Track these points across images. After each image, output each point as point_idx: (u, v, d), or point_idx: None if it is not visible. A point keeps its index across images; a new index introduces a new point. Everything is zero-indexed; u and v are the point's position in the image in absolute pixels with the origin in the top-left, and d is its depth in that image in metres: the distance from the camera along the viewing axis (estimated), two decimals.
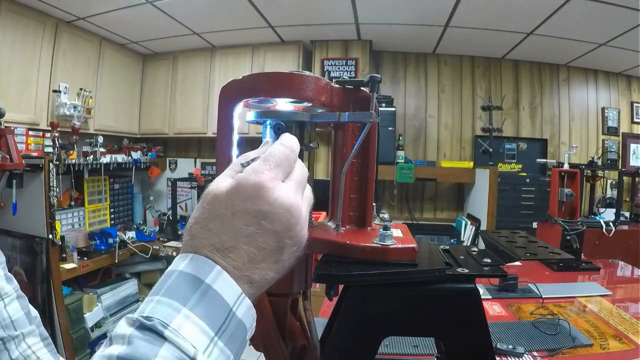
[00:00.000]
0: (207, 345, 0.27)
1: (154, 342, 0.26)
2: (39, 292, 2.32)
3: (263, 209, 0.32)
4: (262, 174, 0.33)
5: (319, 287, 1.09)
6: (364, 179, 0.54)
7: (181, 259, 0.31)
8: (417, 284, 0.48)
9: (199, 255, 0.31)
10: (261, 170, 0.33)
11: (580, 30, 2.78)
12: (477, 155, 3.38)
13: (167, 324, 0.27)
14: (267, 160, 0.34)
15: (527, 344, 1.12)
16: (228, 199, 0.32)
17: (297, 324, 0.54)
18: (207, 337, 0.28)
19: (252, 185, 0.32)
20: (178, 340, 0.26)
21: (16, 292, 0.55)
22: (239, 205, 0.32)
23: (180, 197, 3.66)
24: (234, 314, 0.30)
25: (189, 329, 0.27)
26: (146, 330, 0.26)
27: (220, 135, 0.48)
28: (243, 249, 0.31)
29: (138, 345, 0.26)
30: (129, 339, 0.26)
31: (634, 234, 2.83)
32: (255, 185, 0.32)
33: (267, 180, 0.32)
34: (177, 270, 0.30)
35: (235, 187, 0.32)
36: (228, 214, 0.31)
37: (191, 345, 0.26)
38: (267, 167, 0.33)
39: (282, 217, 0.32)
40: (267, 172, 0.33)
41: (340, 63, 3.29)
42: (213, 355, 0.28)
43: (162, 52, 3.63)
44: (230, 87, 0.48)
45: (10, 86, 2.44)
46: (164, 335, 0.26)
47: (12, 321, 0.53)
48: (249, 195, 0.32)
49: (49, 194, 2.33)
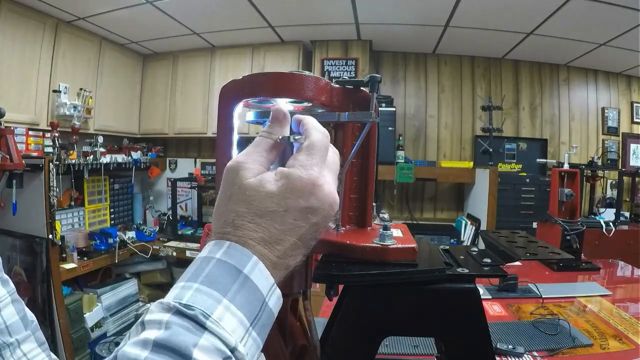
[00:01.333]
0: (244, 335, 0.28)
1: (193, 331, 0.26)
2: (39, 292, 2.32)
3: (314, 205, 0.33)
4: (312, 170, 0.33)
5: (319, 287, 1.09)
6: (364, 179, 0.54)
7: (217, 246, 0.31)
8: (417, 284, 0.48)
9: (236, 244, 0.31)
10: (310, 166, 0.34)
11: (580, 30, 2.78)
12: (477, 155, 3.38)
13: (208, 314, 0.27)
14: (312, 154, 0.34)
15: (527, 344, 1.12)
16: (282, 197, 0.32)
17: (297, 324, 0.54)
18: (244, 328, 0.29)
19: (305, 182, 0.33)
20: (219, 331, 0.27)
21: (11, 295, 0.54)
22: (292, 203, 0.33)
23: (180, 197, 3.66)
24: (267, 304, 0.31)
25: (229, 320, 0.28)
26: (185, 317, 0.27)
27: (220, 135, 0.48)
28: (288, 241, 0.33)
29: (177, 332, 0.26)
30: (167, 324, 0.26)
31: (634, 234, 2.83)
32: (308, 183, 0.33)
33: (317, 177, 0.33)
34: (214, 257, 0.30)
35: (288, 185, 0.33)
36: (280, 210, 0.32)
37: (230, 335, 0.27)
38: (315, 162, 0.34)
39: (325, 211, 0.34)
40: (316, 167, 0.34)
41: (340, 63, 3.29)
42: (248, 345, 0.28)
43: (162, 52, 3.63)
44: (230, 87, 0.48)
45: (10, 86, 2.44)
46: (205, 325, 0.26)
47: (7, 326, 0.52)
48: (302, 193, 0.33)
49: (49, 194, 2.33)
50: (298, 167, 0.33)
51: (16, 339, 0.53)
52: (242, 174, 0.33)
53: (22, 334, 0.54)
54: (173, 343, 0.25)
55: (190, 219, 3.72)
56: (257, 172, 0.34)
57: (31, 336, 0.55)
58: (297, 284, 0.51)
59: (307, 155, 0.34)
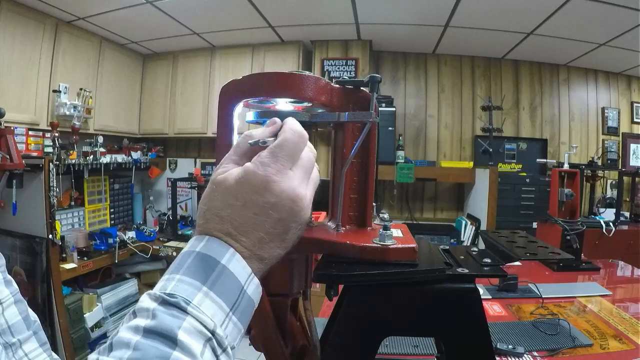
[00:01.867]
0: (224, 319, 0.31)
1: (177, 316, 0.29)
2: (39, 292, 2.32)
3: (270, 200, 0.34)
4: (269, 167, 0.34)
5: (319, 287, 1.09)
6: (364, 179, 0.54)
7: (197, 241, 0.34)
8: (417, 284, 0.48)
9: (215, 238, 0.34)
10: (268, 164, 0.35)
11: (580, 30, 2.78)
12: (477, 155, 3.38)
13: (189, 300, 0.30)
14: (275, 153, 0.35)
15: (527, 344, 1.12)
16: (238, 191, 0.34)
17: (297, 324, 0.54)
18: (224, 313, 0.31)
19: (260, 179, 0.34)
20: (199, 314, 0.29)
21: (14, 296, 0.54)
22: (248, 197, 0.34)
23: (180, 197, 3.66)
24: (245, 292, 0.33)
25: (208, 305, 0.30)
26: (169, 305, 0.29)
27: (220, 135, 0.48)
28: (253, 234, 0.34)
29: (163, 319, 0.28)
30: (153, 313, 0.29)
31: (634, 234, 2.83)
32: (263, 180, 0.34)
33: (273, 174, 0.34)
34: (195, 251, 0.33)
35: (244, 180, 0.34)
36: (239, 204, 0.34)
37: (210, 319, 0.29)
38: (274, 160, 0.35)
39: (287, 207, 0.35)
40: (273, 165, 0.35)
41: (340, 63, 3.29)
42: (229, 329, 0.31)
43: (162, 52, 3.63)
44: (230, 87, 0.48)
45: (10, 86, 2.44)
46: (186, 310, 0.29)
47: (9, 326, 0.52)
48: (256, 189, 0.34)
49: (49, 194, 2.33)
50: (257, 162, 0.35)
51: (18, 339, 0.53)
52: (216, 171, 0.37)
53: (24, 334, 0.54)
54: (160, 328, 0.28)
55: (190, 219, 3.72)
56: (225, 170, 0.36)
57: (33, 336, 0.55)
58: (297, 284, 0.51)
59: (269, 152, 0.35)
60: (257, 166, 0.34)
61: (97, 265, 2.75)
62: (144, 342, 0.27)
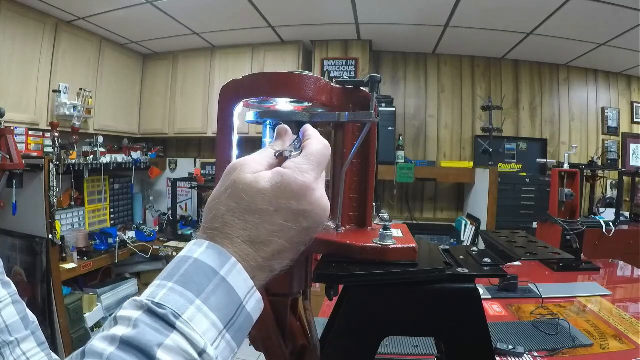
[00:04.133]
0: (216, 337, 0.28)
1: (161, 331, 0.26)
2: (39, 292, 2.32)
3: (307, 208, 0.33)
4: (308, 174, 0.34)
5: (319, 287, 1.09)
6: (364, 179, 0.54)
7: (197, 246, 0.31)
8: (417, 284, 0.48)
9: (215, 245, 0.31)
10: (306, 170, 0.34)
11: (580, 30, 2.78)
12: (477, 155, 3.38)
13: (179, 314, 0.27)
14: (309, 159, 0.35)
15: (527, 344, 1.12)
16: (274, 196, 0.32)
17: (297, 324, 0.54)
18: (217, 330, 0.28)
19: (299, 185, 0.33)
20: (189, 331, 0.26)
21: (12, 297, 0.55)
22: (284, 203, 0.32)
23: (180, 197, 3.66)
24: (244, 308, 0.30)
25: (200, 320, 0.27)
26: (155, 316, 0.26)
27: (220, 135, 0.48)
28: (276, 242, 0.32)
29: (144, 331, 0.25)
30: (135, 322, 0.26)
31: (634, 234, 2.83)
32: (302, 186, 0.33)
33: (312, 181, 0.34)
34: (192, 257, 0.30)
35: (282, 185, 0.33)
36: (271, 209, 0.32)
37: (200, 337, 0.27)
38: (311, 167, 0.34)
39: (318, 216, 0.34)
40: (311, 172, 0.34)
41: (340, 63, 3.29)
42: (220, 348, 0.28)
43: (162, 52, 3.63)
44: (230, 87, 0.48)
45: (10, 86, 2.44)
46: (174, 325, 0.26)
47: (7, 326, 0.53)
48: (295, 195, 0.33)
49: (49, 194, 2.33)
50: (294, 169, 0.34)
51: (16, 338, 0.53)
52: (241, 169, 0.34)
53: (22, 334, 0.54)
54: (139, 341, 0.25)
55: (190, 219, 3.72)
56: (255, 170, 0.34)
57: (31, 336, 0.56)
58: (297, 284, 0.51)
59: (304, 159, 0.35)
60: (295, 172, 0.33)
61: (97, 265, 2.75)
62: (117, 355, 0.25)
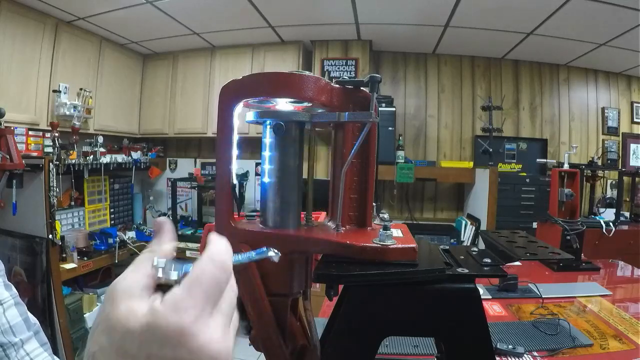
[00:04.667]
0: None
1: None
2: (39, 292, 2.32)
3: (184, 357, 0.26)
4: (185, 313, 0.26)
5: (319, 287, 1.09)
6: (364, 179, 0.54)
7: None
8: (417, 284, 0.48)
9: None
10: (184, 308, 0.26)
11: (580, 30, 2.78)
12: (477, 155, 3.38)
13: None
14: (192, 292, 0.27)
15: (527, 344, 1.12)
16: (144, 340, 0.26)
17: (297, 324, 0.54)
18: None
19: (172, 329, 0.26)
20: None
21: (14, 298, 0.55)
22: (155, 349, 0.26)
23: (180, 197, 3.67)
24: None
25: None
26: None
27: (220, 135, 0.48)
28: None
29: None
30: None
31: (634, 234, 2.83)
32: (176, 330, 0.26)
33: (190, 323, 0.26)
34: None
35: (151, 328, 0.26)
36: (142, 356, 0.26)
37: None
38: (193, 302, 0.27)
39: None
40: (191, 310, 0.26)
41: (340, 63, 3.29)
42: None
43: (162, 52, 3.63)
44: (230, 87, 0.48)
45: (10, 86, 2.44)
46: None
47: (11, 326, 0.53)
48: (167, 341, 0.26)
49: (49, 194, 2.33)
50: (169, 305, 0.26)
51: (20, 339, 0.54)
52: (115, 296, 0.28)
53: (25, 335, 0.55)
54: None
55: (190, 219, 3.72)
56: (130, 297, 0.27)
57: (33, 337, 0.56)
58: (297, 284, 0.51)
59: (185, 292, 0.27)
60: (168, 311, 0.26)
61: (97, 265, 2.75)
62: None
